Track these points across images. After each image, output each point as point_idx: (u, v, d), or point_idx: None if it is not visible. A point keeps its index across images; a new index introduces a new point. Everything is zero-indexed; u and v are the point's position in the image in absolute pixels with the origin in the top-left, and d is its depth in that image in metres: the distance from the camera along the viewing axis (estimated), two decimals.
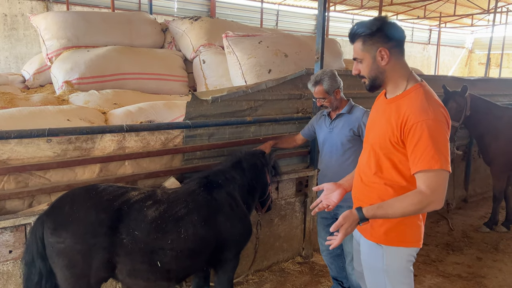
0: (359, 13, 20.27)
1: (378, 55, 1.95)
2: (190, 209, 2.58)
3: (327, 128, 3.30)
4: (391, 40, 1.94)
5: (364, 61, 2.00)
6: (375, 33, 1.94)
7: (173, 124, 3.47)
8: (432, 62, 24.49)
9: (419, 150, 1.84)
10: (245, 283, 3.83)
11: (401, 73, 2.00)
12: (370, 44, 1.96)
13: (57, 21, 5.52)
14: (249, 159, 3.11)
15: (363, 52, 1.99)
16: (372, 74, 2.01)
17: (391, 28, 1.94)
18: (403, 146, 1.94)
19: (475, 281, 3.98)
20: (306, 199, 4.27)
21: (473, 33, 26.48)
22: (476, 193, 6.57)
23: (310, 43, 5.68)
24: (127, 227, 2.37)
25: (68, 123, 3.33)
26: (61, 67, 5.08)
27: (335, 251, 3.41)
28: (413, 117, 1.86)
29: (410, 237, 2.08)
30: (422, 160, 1.83)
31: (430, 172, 1.82)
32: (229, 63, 5.24)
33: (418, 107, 1.88)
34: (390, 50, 1.94)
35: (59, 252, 2.30)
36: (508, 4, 19.43)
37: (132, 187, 2.67)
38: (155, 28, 6.42)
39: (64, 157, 2.97)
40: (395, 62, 1.98)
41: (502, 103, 5.38)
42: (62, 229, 2.30)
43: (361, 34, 1.96)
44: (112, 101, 4.57)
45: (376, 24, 1.93)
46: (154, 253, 2.42)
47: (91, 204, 2.37)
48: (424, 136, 1.82)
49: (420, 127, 1.83)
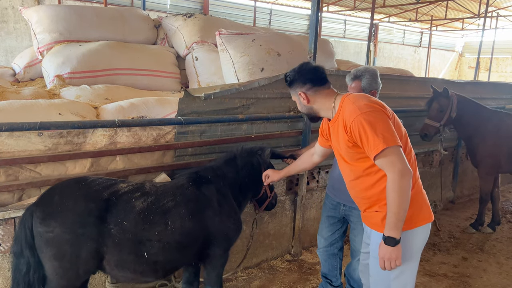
0: (351, 14, 20.40)
1: (301, 98, 2.40)
2: (178, 202, 2.60)
3: None
4: (306, 82, 2.36)
5: (296, 103, 2.48)
6: (292, 83, 2.40)
7: (165, 120, 3.47)
8: (422, 64, 24.74)
9: (364, 143, 2.13)
10: (234, 279, 3.85)
11: (326, 99, 2.37)
12: (293, 91, 2.43)
13: (49, 15, 5.49)
14: (244, 156, 3.11)
15: (293, 96, 2.47)
16: (304, 111, 2.48)
17: (303, 74, 2.37)
18: (357, 145, 2.22)
19: (460, 280, 4.05)
20: (296, 197, 4.30)
21: (464, 37, 26.81)
22: (463, 195, 6.67)
23: (303, 42, 5.72)
24: (115, 217, 2.39)
25: (59, 117, 3.32)
26: (53, 61, 5.04)
27: (331, 250, 3.42)
28: (348, 119, 2.19)
29: (418, 215, 2.28)
30: (371, 148, 2.11)
31: (380, 155, 2.09)
32: (222, 61, 5.25)
33: (348, 110, 2.21)
34: (307, 92, 2.37)
35: (47, 241, 2.30)
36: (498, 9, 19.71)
37: (121, 180, 2.68)
38: (148, 24, 6.41)
39: (55, 151, 2.96)
40: (316, 97, 2.37)
41: (490, 106, 5.46)
42: (51, 218, 2.30)
43: (288, 84, 2.44)
44: (104, 96, 4.55)
45: (290, 76, 2.40)
46: (141, 244, 2.43)
47: (80, 194, 2.38)
48: (361, 129, 2.12)
49: (355, 124, 2.14)
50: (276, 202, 3.42)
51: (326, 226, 3.40)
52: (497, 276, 4.19)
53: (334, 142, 2.46)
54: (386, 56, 23.15)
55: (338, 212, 3.30)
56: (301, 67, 2.39)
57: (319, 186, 4.48)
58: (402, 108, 5.22)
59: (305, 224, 4.46)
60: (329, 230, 3.38)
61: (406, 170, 2.08)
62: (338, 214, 3.32)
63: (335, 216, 3.34)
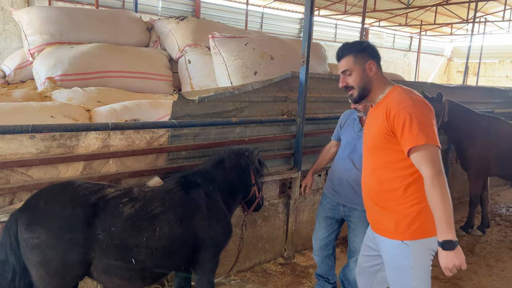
0: (342, 19, 20.54)
1: (367, 67, 2.32)
2: (166, 207, 2.57)
3: (356, 133, 3.24)
4: (375, 56, 2.35)
5: (354, 72, 2.33)
6: (364, 50, 2.34)
7: (158, 123, 3.46)
8: (412, 68, 24.99)
9: (405, 132, 2.10)
10: (227, 283, 3.84)
11: (382, 82, 2.36)
12: (361, 58, 2.32)
13: (40, 16, 5.44)
14: (232, 158, 3.09)
15: (355, 64, 2.33)
16: (361, 84, 2.34)
17: (374, 48, 2.37)
18: (394, 136, 2.19)
19: (451, 283, 4.10)
20: (289, 200, 4.31)
21: (452, 42, 27.15)
22: (453, 198, 6.65)
23: (296, 46, 5.74)
24: (103, 222, 2.35)
25: (51, 119, 3.30)
26: (44, 63, 5.00)
27: (327, 251, 3.48)
28: (394, 106, 2.16)
29: (431, 226, 2.17)
30: (409, 140, 2.08)
31: (419, 149, 2.07)
32: (215, 64, 5.25)
33: (397, 98, 2.20)
34: (376, 64, 2.33)
35: (33, 248, 2.26)
36: (486, 14, 20.05)
37: (109, 184, 2.65)
38: (140, 27, 6.39)
39: (47, 154, 2.93)
40: (379, 75, 2.35)
41: (479, 111, 5.54)
42: (37, 224, 2.26)
43: (352, 50, 2.34)
44: (96, 98, 4.52)
45: (364, 44, 2.37)
46: (129, 250, 2.40)
47: (67, 199, 2.35)
48: (407, 119, 2.09)
49: (402, 113, 2.11)
50: (263, 202, 3.43)
51: (323, 227, 3.43)
52: (487, 278, 4.25)
53: (366, 129, 2.46)
54: None
55: (338, 213, 3.33)
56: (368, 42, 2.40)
57: (312, 189, 4.50)
58: None
59: (298, 227, 4.47)
60: (326, 231, 3.41)
61: (442, 171, 2.07)
62: (337, 215, 3.35)
63: (333, 217, 3.38)
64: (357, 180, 3.09)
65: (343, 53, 2.36)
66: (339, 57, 2.38)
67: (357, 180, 3.05)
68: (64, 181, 2.57)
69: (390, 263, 2.35)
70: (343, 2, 18.48)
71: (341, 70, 2.38)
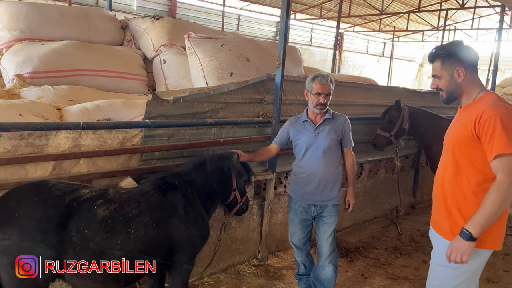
0: (318, 23, 20.81)
1: (455, 73, 2.27)
2: (142, 210, 2.54)
3: (312, 133, 3.41)
4: (465, 61, 2.27)
5: (442, 78, 2.33)
6: (452, 55, 2.27)
7: (132, 123, 3.41)
8: (385, 74, 25.53)
9: (494, 139, 2.07)
10: (200, 285, 3.81)
11: (474, 87, 2.30)
12: (448, 64, 2.29)
13: (10, 12, 5.27)
14: (214, 161, 3.06)
15: (442, 70, 2.31)
16: (449, 89, 2.33)
17: (466, 51, 2.28)
18: (477, 141, 2.17)
19: (420, 283, 4.19)
20: (264, 202, 4.32)
21: (423, 48, 27.86)
22: (424, 200, 6.91)
23: (272, 49, 5.77)
24: (77, 224, 2.31)
25: (20, 118, 3.19)
26: (13, 59, 4.84)
27: (305, 249, 3.70)
28: (488, 111, 2.12)
29: (490, 238, 2.22)
30: (497, 146, 2.06)
31: (504, 156, 2.05)
32: (191, 65, 5.22)
33: (491, 104, 2.16)
34: (466, 69, 2.26)
35: (3, 249, 2.20)
36: (455, 23, 20.76)
37: (84, 184, 2.59)
38: (115, 25, 6.27)
39: (15, 153, 2.83)
40: (470, 79, 2.29)
41: (448, 116, 5.70)
42: (7, 225, 2.21)
43: (441, 55, 2.30)
44: (68, 97, 4.41)
45: (454, 48, 2.29)
46: (103, 253, 2.36)
47: (40, 200, 2.29)
48: (498, 126, 2.07)
49: (494, 119, 2.08)
50: (247, 207, 3.42)
51: (299, 229, 3.59)
52: None
53: (452, 128, 2.42)
54: (351, 65, 23.72)
55: (310, 214, 3.52)
56: (460, 44, 2.30)
57: (286, 191, 4.53)
58: (367, 116, 5.37)
59: (272, 229, 4.48)
60: (303, 232, 3.60)
61: None
62: (310, 216, 3.54)
63: (307, 219, 3.56)
64: (324, 176, 3.36)
65: (432, 58, 2.35)
66: (429, 61, 2.38)
67: (325, 176, 3.35)
68: (37, 181, 2.51)
69: (436, 259, 2.40)
70: (319, 7, 18.75)
71: (432, 74, 2.41)
